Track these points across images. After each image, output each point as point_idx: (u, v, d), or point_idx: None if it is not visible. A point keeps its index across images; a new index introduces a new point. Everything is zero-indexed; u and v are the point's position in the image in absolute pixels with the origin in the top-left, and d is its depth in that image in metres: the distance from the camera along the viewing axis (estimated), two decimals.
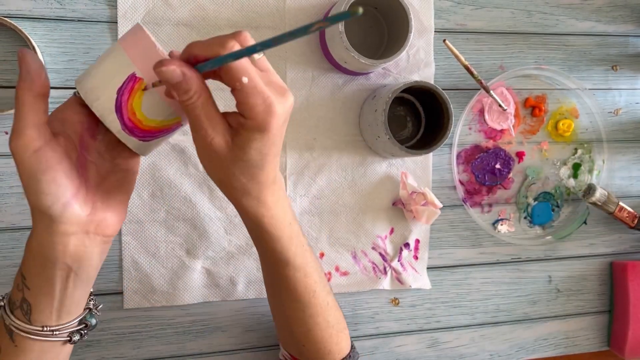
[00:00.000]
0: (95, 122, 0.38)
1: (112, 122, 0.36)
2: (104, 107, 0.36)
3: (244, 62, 0.33)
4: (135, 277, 0.61)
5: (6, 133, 0.57)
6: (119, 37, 0.59)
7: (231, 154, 0.36)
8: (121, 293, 0.61)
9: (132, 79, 0.35)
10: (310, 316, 0.49)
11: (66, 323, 0.38)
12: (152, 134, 0.38)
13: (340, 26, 0.57)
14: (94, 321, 0.41)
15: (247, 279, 0.65)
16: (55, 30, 0.58)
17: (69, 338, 0.39)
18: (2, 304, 0.39)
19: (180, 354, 0.64)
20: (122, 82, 0.35)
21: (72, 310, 0.38)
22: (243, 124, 0.34)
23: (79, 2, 0.58)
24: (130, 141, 0.37)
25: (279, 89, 0.35)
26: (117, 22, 0.59)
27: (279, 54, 0.63)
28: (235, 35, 0.33)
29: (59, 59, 0.58)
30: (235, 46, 0.32)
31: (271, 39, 0.29)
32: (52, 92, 0.58)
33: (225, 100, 0.63)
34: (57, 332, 0.38)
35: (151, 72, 0.35)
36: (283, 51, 0.63)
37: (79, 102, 0.37)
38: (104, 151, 0.39)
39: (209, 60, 0.33)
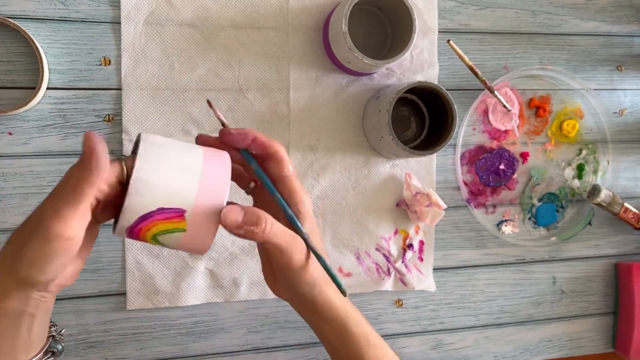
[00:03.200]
0: (117, 199, 0.36)
1: (127, 221, 0.35)
2: (137, 207, 0.34)
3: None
4: (138, 278, 0.61)
5: (10, 134, 0.57)
6: (122, 40, 0.59)
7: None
8: (124, 294, 0.61)
9: (180, 213, 0.35)
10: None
11: (31, 358, 0.38)
12: (138, 240, 0.38)
13: (344, 26, 0.56)
14: (59, 347, 0.41)
15: (250, 280, 0.64)
16: (59, 31, 0.58)
17: None
18: None
19: (183, 355, 0.64)
20: (170, 208, 0.35)
21: (33, 347, 0.38)
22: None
23: (82, 2, 0.58)
24: (121, 234, 0.36)
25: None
26: (120, 23, 0.59)
27: (283, 54, 0.63)
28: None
29: (62, 59, 0.58)
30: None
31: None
32: (55, 93, 0.58)
33: (227, 102, 0.63)
34: None
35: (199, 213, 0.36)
36: (287, 51, 0.63)
37: (117, 176, 0.35)
38: (98, 216, 0.37)
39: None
